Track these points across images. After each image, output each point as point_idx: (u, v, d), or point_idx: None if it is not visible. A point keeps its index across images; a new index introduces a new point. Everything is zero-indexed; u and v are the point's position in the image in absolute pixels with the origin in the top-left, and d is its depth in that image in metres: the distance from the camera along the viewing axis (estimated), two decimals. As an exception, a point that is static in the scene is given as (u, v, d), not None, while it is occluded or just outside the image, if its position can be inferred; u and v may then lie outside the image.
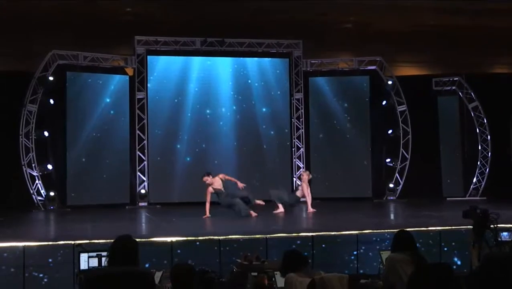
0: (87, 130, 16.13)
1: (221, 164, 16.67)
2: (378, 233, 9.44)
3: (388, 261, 6.14)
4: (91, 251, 6.75)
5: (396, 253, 6.13)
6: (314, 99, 17.68)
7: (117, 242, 5.56)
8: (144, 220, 13.26)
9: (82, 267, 6.56)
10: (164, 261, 8.89)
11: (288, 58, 17.65)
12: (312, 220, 12.59)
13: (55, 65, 15.68)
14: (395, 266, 5.97)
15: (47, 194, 15.33)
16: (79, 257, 6.61)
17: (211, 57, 17.25)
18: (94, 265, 6.57)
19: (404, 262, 5.92)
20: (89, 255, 6.63)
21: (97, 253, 6.57)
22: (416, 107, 17.32)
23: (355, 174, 17.17)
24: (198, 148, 17.03)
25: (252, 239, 9.31)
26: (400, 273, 5.90)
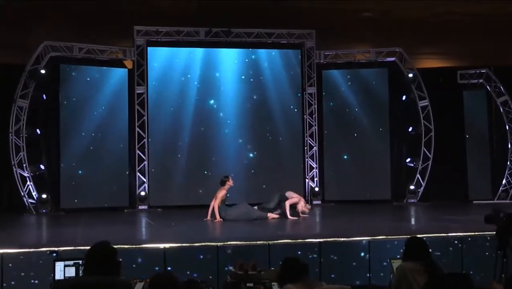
0: (83, 127, 15.92)
1: (227, 164, 16.44)
2: (391, 239, 9.06)
3: (399, 271, 5.94)
4: (67, 259, 6.45)
5: (408, 262, 5.91)
6: (328, 94, 17.40)
7: (93, 250, 5.35)
8: (142, 224, 12.99)
9: (58, 277, 6.27)
10: (156, 268, 8.62)
11: (300, 50, 17.35)
12: (322, 225, 12.25)
13: (47, 57, 15.46)
14: (406, 276, 5.79)
15: (39, 197, 15.09)
16: (54, 265, 6.31)
17: (216, 49, 16.98)
18: (71, 275, 6.28)
19: (416, 272, 5.75)
20: (65, 263, 6.34)
21: (74, 262, 6.28)
22: (439, 102, 17.03)
23: (373, 175, 16.89)
24: (202, 146, 16.76)
25: (253, 245, 8.99)
26: (412, 284, 5.73)
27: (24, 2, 14.94)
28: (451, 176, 16.99)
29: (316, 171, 17.13)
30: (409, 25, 17.06)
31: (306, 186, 17.11)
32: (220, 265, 8.70)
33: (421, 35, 17.28)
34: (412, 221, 12.97)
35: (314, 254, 8.94)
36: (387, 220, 12.72)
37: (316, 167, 17.16)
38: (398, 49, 17.09)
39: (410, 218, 13.69)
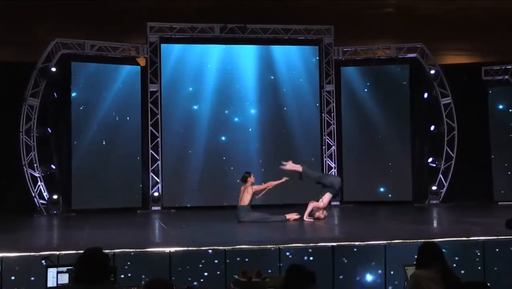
0: (95, 126, 15.77)
1: (243, 164, 16.14)
2: (409, 243, 8.65)
3: (413, 279, 5.63)
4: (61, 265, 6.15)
5: (422, 270, 5.61)
6: (346, 91, 17.07)
7: (84, 256, 5.10)
8: (151, 227, 12.70)
9: (50, 284, 5.97)
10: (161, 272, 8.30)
11: (317, 46, 17.07)
12: (338, 228, 11.86)
13: (59, 54, 15.32)
14: (420, 285, 5.50)
15: (50, 197, 14.96)
16: (46, 272, 6.02)
17: (231, 45, 16.73)
18: (64, 282, 5.97)
19: (431, 280, 5.48)
20: (58, 270, 6.04)
21: (68, 268, 5.97)
22: (463, 100, 16.62)
23: (394, 175, 16.59)
24: (217, 146, 16.51)
25: (263, 249, 8.63)
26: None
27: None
28: (475, 176, 16.49)
29: (334, 171, 16.80)
30: (431, 20, 16.69)
31: None
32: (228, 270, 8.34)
33: (444, 31, 16.86)
34: (432, 224, 12.52)
35: (327, 258, 8.55)
36: (407, 222, 12.30)
37: (335, 167, 16.88)
38: (420, 44, 16.69)
39: (430, 220, 13.24)
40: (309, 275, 5.40)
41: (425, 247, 5.78)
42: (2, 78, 15.07)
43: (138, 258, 8.38)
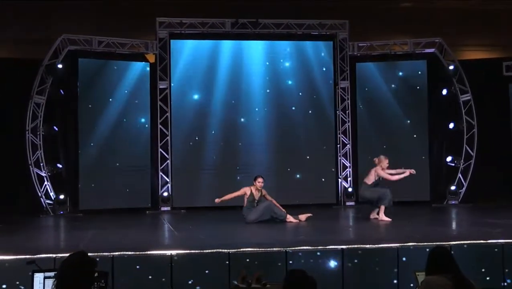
0: (103, 124, 15.48)
1: (255, 163, 15.90)
2: (423, 246, 8.27)
3: (424, 286, 5.33)
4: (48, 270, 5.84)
5: (434, 276, 5.30)
6: (362, 88, 16.68)
7: (67, 262, 4.81)
8: (158, 228, 12.41)
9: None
10: (163, 279, 8.02)
11: (332, 41, 16.64)
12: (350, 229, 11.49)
13: (65, 51, 15.02)
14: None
15: (56, 197, 14.74)
16: (33, 278, 5.71)
17: (243, 41, 16.39)
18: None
19: (443, 287, 5.19)
20: (46, 275, 5.73)
21: (55, 273, 5.65)
22: (483, 96, 16.23)
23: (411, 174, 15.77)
24: (229, 144, 16.23)
25: (269, 252, 8.31)
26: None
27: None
28: (496, 176, 16.09)
29: (349, 170, 16.47)
30: (450, 13, 16.43)
31: (339, 187, 16.48)
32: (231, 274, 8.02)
33: (463, 24, 16.62)
34: (449, 226, 12.12)
35: (336, 262, 8.20)
36: (423, 224, 11.94)
37: (350, 166, 16.52)
38: (438, 39, 16.28)
39: (447, 222, 12.84)
40: (310, 282, 5.07)
41: (436, 252, 5.53)
42: (8, 75, 14.88)
43: (137, 261, 8.09)
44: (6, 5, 14.90)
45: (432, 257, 5.50)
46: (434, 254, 5.49)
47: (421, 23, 16.78)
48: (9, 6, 14.86)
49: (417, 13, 16.77)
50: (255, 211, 12.06)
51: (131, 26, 15.92)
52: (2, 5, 14.90)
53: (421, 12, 16.71)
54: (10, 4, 14.75)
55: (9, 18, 15.33)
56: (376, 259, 8.30)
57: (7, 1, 14.73)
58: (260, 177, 12.40)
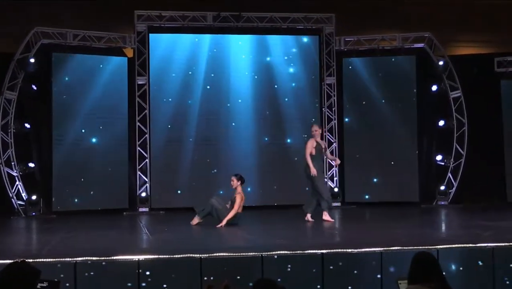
0: (78, 121, 15.07)
1: (238, 163, 15.48)
2: (408, 250, 7.83)
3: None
4: None
5: (417, 285, 5.01)
6: (349, 84, 16.35)
7: (4, 273, 4.43)
8: (132, 230, 11.93)
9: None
10: (128, 284, 7.55)
11: (318, 36, 16.31)
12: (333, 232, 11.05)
13: (38, 45, 14.64)
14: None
15: (28, 198, 14.29)
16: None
17: (225, 35, 16.03)
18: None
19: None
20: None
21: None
22: (474, 93, 15.91)
23: (399, 174, 15.89)
24: (210, 142, 15.83)
25: (243, 257, 7.86)
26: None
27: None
28: (486, 175, 15.77)
29: (335, 170, 16.11)
30: (440, 7, 16.06)
31: None
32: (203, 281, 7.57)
33: (453, 19, 16.23)
34: (437, 228, 11.71)
35: (315, 268, 7.76)
36: (410, 226, 11.53)
37: (336, 165, 15.81)
38: (428, 34, 15.98)
39: (436, 224, 12.46)
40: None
41: (419, 258, 5.17)
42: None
43: (102, 268, 7.62)
44: (-25, -3, 14.49)
45: (415, 264, 5.16)
46: (417, 261, 5.16)
47: (410, 17, 16.48)
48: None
49: (406, 8, 16.40)
50: None
51: (108, 19, 15.53)
52: (-29, -3, 14.50)
53: (410, 7, 16.34)
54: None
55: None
56: (358, 264, 7.86)
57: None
58: (233, 175, 11.86)
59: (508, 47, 16.57)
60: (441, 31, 16.06)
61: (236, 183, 11.59)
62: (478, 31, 16.74)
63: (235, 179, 11.62)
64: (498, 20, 16.44)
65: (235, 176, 11.71)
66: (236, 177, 11.65)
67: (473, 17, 16.37)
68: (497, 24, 16.50)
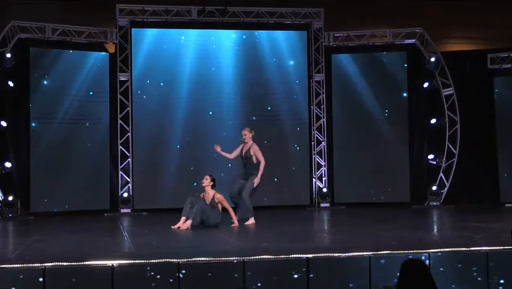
0: (57, 119, 14.79)
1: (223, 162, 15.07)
2: (399, 254, 7.48)
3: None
4: None
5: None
6: (338, 81, 16.16)
7: None
8: (111, 233, 11.51)
9: None
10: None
11: (306, 31, 16.11)
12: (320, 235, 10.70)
13: (15, 39, 14.35)
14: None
15: (4, 199, 13.96)
16: None
17: (210, 30, 15.75)
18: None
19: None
20: None
21: None
22: (467, 90, 15.80)
23: (390, 173, 15.78)
24: (194, 141, 15.53)
25: (224, 262, 7.47)
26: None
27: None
28: (479, 175, 15.56)
29: (324, 169, 15.96)
30: (432, 4, 15.98)
31: (313, 187, 15.91)
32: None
33: (446, 14, 16.13)
34: (429, 230, 11.39)
35: (300, 274, 7.38)
36: (401, 227, 11.18)
37: (325, 165, 16.00)
38: (419, 29, 15.81)
39: (427, 226, 12.17)
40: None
41: (408, 265, 4.86)
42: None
43: (73, 274, 7.22)
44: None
45: (404, 272, 4.85)
46: (406, 268, 4.84)
47: (402, 12, 16.29)
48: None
49: (397, 2, 16.19)
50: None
51: (89, 13, 15.27)
52: None
53: (401, 1, 16.13)
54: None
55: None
56: (346, 269, 7.48)
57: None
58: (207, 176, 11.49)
59: (501, 43, 16.47)
60: (433, 26, 15.94)
61: (208, 183, 11.29)
62: (471, 27, 16.63)
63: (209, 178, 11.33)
64: (491, 15, 16.27)
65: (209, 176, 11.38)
66: (211, 177, 11.36)
67: (465, 13, 16.21)
68: (490, 20, 16.35)
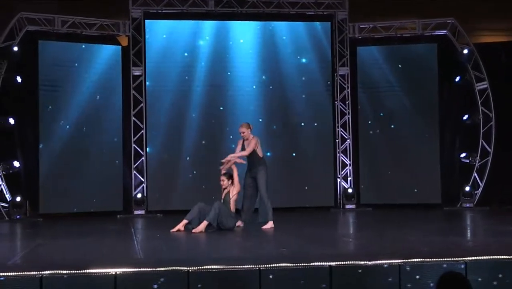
0: (67, 116, 14.75)
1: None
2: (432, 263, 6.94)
3: None
4: None
5: None
6: (364, 75, 15.99)
7: None
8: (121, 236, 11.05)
9: None
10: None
11: (330, 22, 15.97)
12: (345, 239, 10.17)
13: (23, 32, 14.32)
14: None
15: (12, 199, 13.84)
16: None
17: (228, 21, 15.66)
18: None
19: None
20: None
21: None
22: (502, 85, 15.43)
23: (419, 173, 15.56)
24: (212, 138, 15.46)
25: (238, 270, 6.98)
26: None
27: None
28: (516, 175, 15.21)
29: (349, 168, 15.81)
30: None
31: (338, 187, 15.69)
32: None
33: (480, 3, 15.52)
34: (463, 235, 10.79)
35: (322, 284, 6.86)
36: (432, 232, 10.64)
37: (350, 164, 15.86)
38: (451, 20, 15.50)
39: (461, 230, 11.65)
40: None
41: (446, 280, 4.40)
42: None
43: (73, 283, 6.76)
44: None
45: (442, 286, 4.36)
46: (444, 282, 4.36)
47: (432, 2, 15.87)
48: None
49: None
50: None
51: (100, 4, 15.07)
52: None
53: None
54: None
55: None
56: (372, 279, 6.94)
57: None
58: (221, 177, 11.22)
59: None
60: (466, 16, 15.58)
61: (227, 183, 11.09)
62: (506, 16, 16.09)
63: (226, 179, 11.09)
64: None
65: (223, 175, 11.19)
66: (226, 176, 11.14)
67: (500, 1, 15.67)
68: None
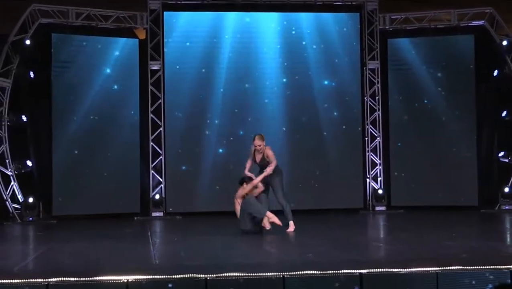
0: (81, 113, 14.59)
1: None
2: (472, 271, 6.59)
3: None
4: None
5: None
6: (395, 69, 15.74)
7: None
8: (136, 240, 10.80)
9: None
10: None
11: (358, 13, 15.77)
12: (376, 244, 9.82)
13: (36, 25, 14.22)
14: None
15: (25, 201, 13.76)
16: None
17: (251, 13, 15.45)
18: None
19: None
20: None
21: None
22: None
23: (455, 173, 15.25)
24: (234, 136, 15.26)
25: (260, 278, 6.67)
26: None
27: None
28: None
29: (380, 168, 15.57)
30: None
31: (368, 188, 15.47)
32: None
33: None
34: (503, 240, 10.38)
35: (353, 293, 6.56)
36: (470, 236, 10.29)
37: (380, 163, 15.60)
38: (489, 9, 15.16)
39: (501, 234, 11.25)
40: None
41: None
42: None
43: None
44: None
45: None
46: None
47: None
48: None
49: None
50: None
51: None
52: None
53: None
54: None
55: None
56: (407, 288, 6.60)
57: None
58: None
59: None
60: (505, 6, 15.21)
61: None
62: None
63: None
64: None
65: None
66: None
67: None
68: None
